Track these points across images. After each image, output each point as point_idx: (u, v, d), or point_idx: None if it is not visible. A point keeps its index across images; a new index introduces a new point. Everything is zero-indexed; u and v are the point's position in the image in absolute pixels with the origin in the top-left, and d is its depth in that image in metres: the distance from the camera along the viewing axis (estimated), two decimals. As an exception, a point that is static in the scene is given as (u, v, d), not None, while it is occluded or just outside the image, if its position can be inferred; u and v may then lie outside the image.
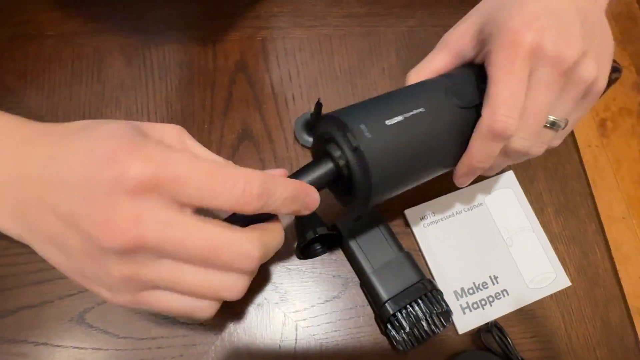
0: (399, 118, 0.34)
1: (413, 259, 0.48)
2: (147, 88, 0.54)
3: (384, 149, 0.33)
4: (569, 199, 0.54)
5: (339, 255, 0.49)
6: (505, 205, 0.52)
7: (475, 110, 0.37)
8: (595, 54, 0.35)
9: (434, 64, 0.41)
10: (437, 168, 0.39)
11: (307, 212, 0.34)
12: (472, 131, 0.37)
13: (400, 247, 0.48)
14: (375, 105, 0.36)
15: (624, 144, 1.29)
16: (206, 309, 0.32)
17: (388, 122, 0.34)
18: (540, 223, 0.52)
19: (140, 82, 0.54)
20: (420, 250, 0.50)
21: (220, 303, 0.32)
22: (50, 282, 0.46)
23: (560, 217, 0.53)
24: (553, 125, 0.37)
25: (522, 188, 0.53)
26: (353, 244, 0.48)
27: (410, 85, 0.40)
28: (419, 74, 0.41)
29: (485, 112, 0.35)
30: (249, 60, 0.56)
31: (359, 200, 0.36)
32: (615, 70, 0.42)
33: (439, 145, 0.37)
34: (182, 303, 0.31)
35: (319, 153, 0.37)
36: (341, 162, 0.35)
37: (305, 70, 0.56)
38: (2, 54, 0.53)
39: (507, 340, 0.47)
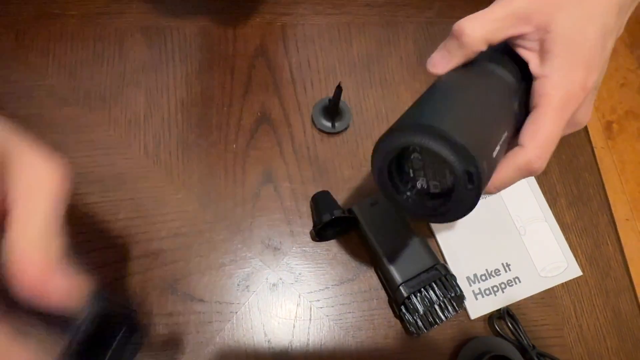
0: (498, 148, 0.33)
1: (427, 244, 0.48)
2: (168, 70, 0.54)
3: (488, 177, 0.32)
4: (582, 191, 0.55)
5: (354, 238, 0.50)
6: (519, 195, 0.53)
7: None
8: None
9: (492, 26, 0.35)
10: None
11: None
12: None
13: (415, 232, 0.48)
14: (479, 128, 0.32)
15: (629, 147, 1.29)
16: None
17: (494, 155, 0.32)
18: (553, 213, 0.53)
19: (160, 63, 0.54)
20: (434, 236, 0.51)
21: None
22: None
23: (573, 209, 0.54)
24: None
25: (535, 179, 0.54)
26: (368, 228, 0.48)
27: (480, 94, 0.36)
28: (474, 28, 0.35)
29: (530, 146, 0.34)
30: (268, 45, 0.56)
31: (455, 214, 0.33)
32: None
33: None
34: None
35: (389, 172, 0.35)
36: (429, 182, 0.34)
37: (323, 56, 0.57)
38: (26, 32, 0.53)
39: (519, 327, 0.48)
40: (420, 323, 0.45)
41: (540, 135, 0.34)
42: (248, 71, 0.55)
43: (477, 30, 0.34)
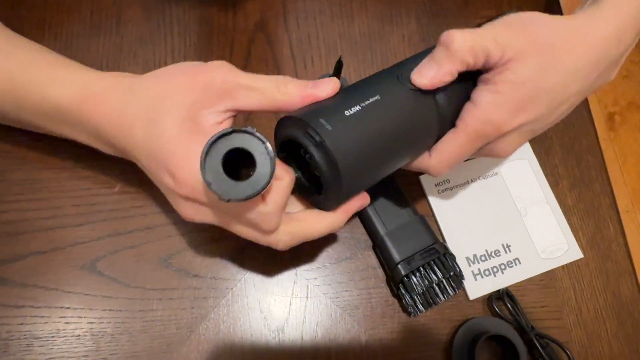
0: (357, 108, 0.34)
1: (427, 223, 0.47)
2: (166, 43, 0.53)
3: (346, 139, 0.33)
4: (584, 173, 0.54)
5: (352, 216, 0.49)
6: (521, 176, 0.52)
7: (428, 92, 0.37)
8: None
9: (482, 41, 0.36)
10: (401, 153, 0.38)
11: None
12: (427, 112, 0.37)
13: (414, 211, 0.48)
14: (331, 101, 0.35)
15: (631, 139, 1.28)
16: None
17: (347, 113, 0.34)
18: (555, 195, 0.52)
19: (159, 37, 0.53)
20: (434, 216, 0.50)
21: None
22: (62, 228, 0.46)
23: (575, 191, 0.53)
24: None
25: (537, 160, 0.53)
26: (367, 206, 0.47)
27: (366, 77, 0.40)
28: (471, 39, 0.36)
29: (433, 157, 0.39)
30: (269, 20, 0.55)
31: (330, 196, 0.36)
32: None
33: (398, 129, 0.36)
34: None
35: (286, 149, 0.38)
36: (307, 165, 0.36)
37: (325, 33, 0.56)
38: (21, 3, 0.52)
39: (518, 308, 0.47)
40: (418, 302, 0.45)
41: (444, 153, 0.39)
42: (248, 46, 0.54)
43: (467, 41, 0.35)
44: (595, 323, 0.49)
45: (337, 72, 0.48)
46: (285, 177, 0.34)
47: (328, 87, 0.35)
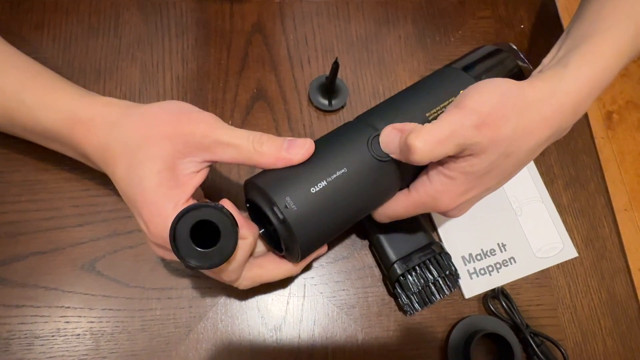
0: (323, 184, 0.36)
1: (423, 223, 0.48)
2: (164, 45, 0.54)
3: (309, 217, 0.35)
4: (579, 173, 0.54)
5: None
6: (516, 176, 0.52)
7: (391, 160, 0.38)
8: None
9: (443, 148, 0.35)
10: (358, 217, 0.40)
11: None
12: (391, 179, 0.38)
13: (410, 211, 0.48)
14: (299, 172, 0.36)
15: (629, 137, 1.29)
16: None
17: (313, 190, 0.35)
18: (550, 194, 0.52)
19: (156, 38, 0.54)
20: (430, 215, 0.50)
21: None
22: (61, 229, 0.46)
23: (570, 190, 0.53)
24: None
25: (533, 160, 0.53)
26: (364, 206, 0.48)
27: (336, 134, 0.40)
28: (430, 149, 0.35)
29: (380, 210, 0.41)
30: (265, 21, 0.56)
31: (290, 256, 0.40)
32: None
33: (361, 199, 0.38)
34: None
35: (252, 214, 0.41)
36: (270, 228, 0.39)
37: (321, 34, 0.56)
38: (20, 5, 0.53)
39: (513, 306, 0.48)
40: (414, 301, 0.45)
41: (389, 209, 0.40)
42: (245, 47, 0.54)
43: (427, 152, 0.34)
44: (589, 321, 0.49)
45: (333, 74, 0.49)
46: (249, 236, 0.37)
47: (301, 151, 0.36)
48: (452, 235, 0.50)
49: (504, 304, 0.48)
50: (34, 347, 0.43)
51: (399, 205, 0.40)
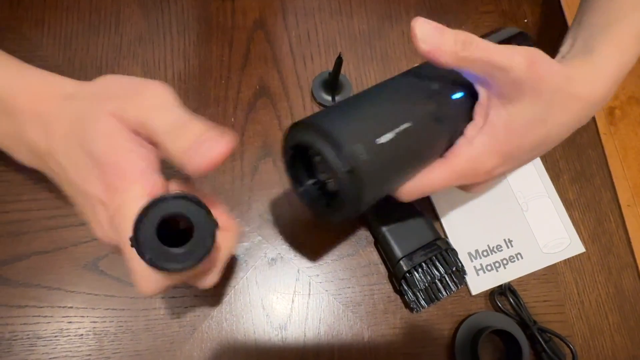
0: (390, 135, 0.33)
1: (428, 219, 0.47)
2: (165, 42, 0.53)
3: (376, 169, 0.32)
4: (585, 167, 0.54)
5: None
6: (522, 171, 0.52)
7: (452, 122, 0.36)
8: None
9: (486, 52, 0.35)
10: (415, 173, 0.37)
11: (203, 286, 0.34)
12: (445, 141, 0.37)
13: (415, 207, 0.48)
14: (363, 118, 0.33)
15: (631, 133, 1.28)
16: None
17: (379, 141, 0.32)
18: (556, 189, 0.52)
19: (158, 35, 0.53)
20: (435, 212, 0.50)
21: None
22: (64, 228, 0.46)
23: (576, 185, 0.53)
24: None
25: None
26: (369, 202, 0.47)
27: (396, 86, 0.37)
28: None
29: (409, 183, 0.37)
30: (267, 18, 0.55)
31: (339, 213, 0.35)
32: None
33: (419, 158, 0.36)
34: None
35: (294, 163, 0.36)
36: (327, 180, 0.35)
37: (324, 30, 0.56)
38: (20, 3, 0.52)
39: (520, 302, 0.47)
40: (420, 298, 0.45)
41: (422, 183, 0.37)
42: (247, 44, 0.54)
43: (482, 50, 0.33)
44: (597, 317, 0.49)
45: (337, 69, 0.48)
46: (231, 229, 0.32)
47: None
48: (458, 232, 0.49)
49: (511, 301, 0.47)
50: (36, 347, 0.42)
51: (435, 175, 0.37)
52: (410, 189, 0.37)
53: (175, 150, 0.28)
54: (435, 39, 0.33)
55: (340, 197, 0.33)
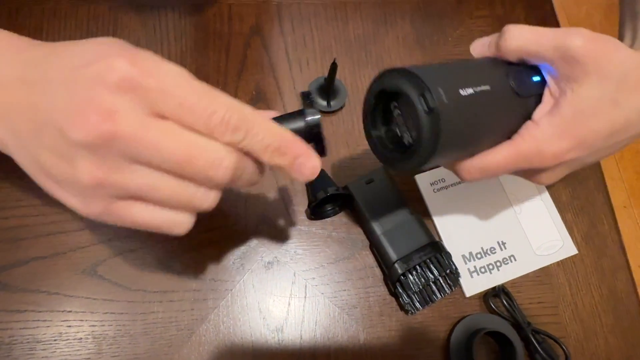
0: (470, 90, 0.33)
1: (423, 222, 0.48)
2: (162, 49, 0.54)
3: (455, 117, 0.32)
4: (578, 170, 0.54)
5: (349, 216, 0.50)
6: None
7: (526, 102, 0.37)
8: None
9: (540, 42, 0.36)
10: (483, 146, 0.37)
11: (299, 177, 0.31)
12: (517, 120, 0.37)
13: (410, 210, 0.48)
14: (447, 71, 0.35)
15: (627, 135, 1.29)
16: (181, 222, 0.31)
17: (462, 92, 0.33)
18: (549, 192, 0.52)
19: (155, 42, 0.54)
20: (429, 215, 0.51)
21: (195, 217, 0.32)
22: (62, 234, 0.46)
23: (569, 187, 0.54)
24: None
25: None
26: (364, 206, 0.48)
27: (476, 59, 0.39)
28: (524, 37, 0.36)
29: (473, 161, 0.37)
30: (264, 24, 0.56)
31: (410, 162, 0.34)
32: None
33: (493, 126, 0.36)
34: (157, 215, 0.30)
35: (375, 107, 0.36)
36: (403, 132, 0.35)
37: (319, 36, 0.56)
38: (19, 10, 0.53)
39: (514, 304, 0.48)
40: (415, 300, 0.45)
41: (485, 161, 0.36)
42: (243, 50, 0.55)
43: (517, 39, 0.35)
44: (591, 318, 0.50)
45: (331, 75, 0.49)
46: None
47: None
48: (452, 234, 0.50)
49: (505, 302, 0.48)
50: (36, 351, 0.43)
51: (499, 154, 0.36)
52: (473, 166, 0.37)
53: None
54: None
55: (415, 142, 0.33)
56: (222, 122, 0.27)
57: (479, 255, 0.49)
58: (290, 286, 0.47)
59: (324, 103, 0.52)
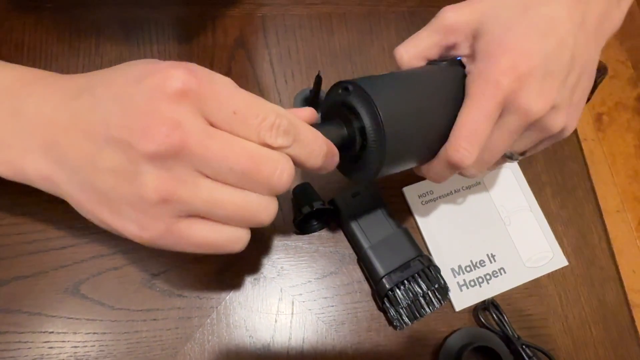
0: (411, 95, 0.35)
1: (411, 235, 0.48)
2: (146, 62, 0.53)
3: (400, 126, 0.34)
4: (567, 180, 0.54)
5: (336, 231, 0.49)
6: (504, 185, 0.52)
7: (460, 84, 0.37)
8: (569, 105, 0.35)
9: (423, 44, 0.39)
10: (438, 137, 0.37)
11: (324, 171, 0.33)
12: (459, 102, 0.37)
13: (398, 224, 0.48)
14: (389, 80, 0.36)
15: (619, 139, 1.29)
16: (241, 238, 0.31)
17: (402, 99, 0.35)
18: (538, 203, 0.52)
19: (138, 56, 0.53)
20: (418, 228, 0.50)
21: (250, 234, 0.32)
22: (44, 252, 0.45)
23: (558, 198, 0.53)
24: (511, 158, 0.39)
25: (520, 168, 0.53)
26: (351, 220, 0.48)
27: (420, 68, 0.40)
28: (407, 50, 0.40)
29: (450, 138, 0.35)
30: (248, 36, 0.55)
31: (368, 170, 0.36)
32: (600, 71, 0.42)
33: (438, 118, 0.36)
34: (218, 233, 0.30)
35: (331, 115, 0.36)
36: (357, 128, 0.35)
37: (305, 47, 0.56)
38: (0, 25, 0.52)
39: (504, 317, 0.47)
40: (403, 315, 0.45)
41: (458, 126, 0.35)
42: (228, 63, 0.54)
43: (410, 52, 0.39)
44: (581, 330, 0.49)
45: (316, 88, 0.49)
46: None
47: (305, 112, 0.34)
48: (441, 247, 0.49)
49: (494, 316, 0.47)
50: (17, 374, 0.42)
51: (463, 117, 0.35)
52: (456, 143, 0.35)
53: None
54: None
55: (366, 147, 0.34)
56: (273, 128, 0.28)
57: (468, 269, 0.49)
58: (277, 302, 0.46)
59: (310, 115, 0.52)
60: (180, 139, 0.26)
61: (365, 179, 0.36)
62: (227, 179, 0.28)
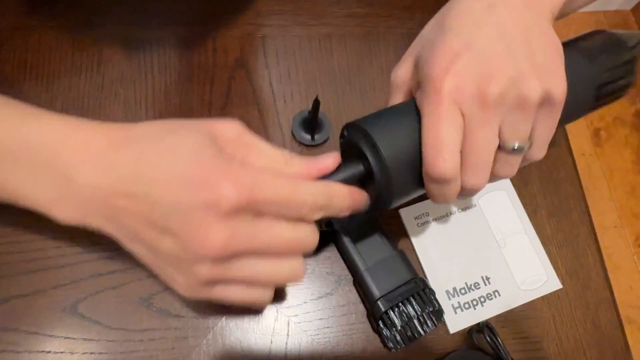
0: (405, 131, 0.37)
1: (406, 258, 0.48)
2: (147, 81, 0.54)
3: (402, 163, 0.37)
4: (562, 202, 0.54)
5: (332, 252, 0.50)
6: (499, 207, 0.53)
7: None
8: (535, 69, 0.34)
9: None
10: None
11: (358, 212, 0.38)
12: None
13: (394, 246, 0.48)
14: (386, 118, 0.39)
15: (617, 154, 1.30)
16: (269, 297, 0.37)
17: (398, 135, 0.37)
18: (533, 225, 0.52)
19: (139, 75, 0.54)
20: (413, 250, 0.51)
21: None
22: (43, 271, 0.46)
23: (553, 220, 0.54)
24: (516, 149, 0.36)
25: (515, 190, 0.54)
26: (347, 241, 0.48)
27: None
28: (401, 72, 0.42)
29: (422, 157, 0.36)
30: (248, 57, 0.56)
31: (380, 202, 0.39)
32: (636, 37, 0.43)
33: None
34: (249, 294, 0.36)
35: (349, 155, 0.40)
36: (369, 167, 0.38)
37: (304, 68, 0.56)
38: (3, 44, 0.53)
39: (498, 340, 0.48)
40: (398, 338, 0.45)
41: (424, 145, 0.35)
42: (228, 83, 0.55)
43: (399, 76, 0.42)
44: (575, 353, 0.49)
45: (314, 111, 0.49)
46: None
47: (329, 160, 0.37)
48: (436, 269, 0.50)
49: (488, 338, 0.48)
50: (14, 393, 0.42)
51: (429, 120, 0.35)
52: (425, 158, 0.36)
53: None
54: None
55: (378, 184, 0.38)
56: (312, 210, 0.34)
57: (463, 291, 0.49)
58: (273, 324, 0.47)
59: (308, 137, 0.52)
60: (236, 246, 0.31)
61: (379, 210, 0.40)
62: (268, 256, 0.34)
